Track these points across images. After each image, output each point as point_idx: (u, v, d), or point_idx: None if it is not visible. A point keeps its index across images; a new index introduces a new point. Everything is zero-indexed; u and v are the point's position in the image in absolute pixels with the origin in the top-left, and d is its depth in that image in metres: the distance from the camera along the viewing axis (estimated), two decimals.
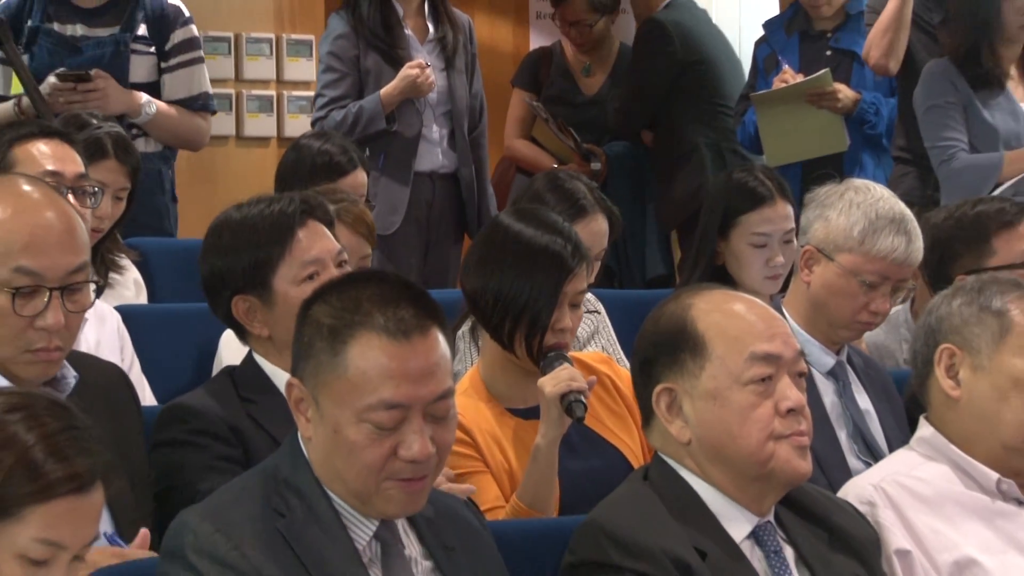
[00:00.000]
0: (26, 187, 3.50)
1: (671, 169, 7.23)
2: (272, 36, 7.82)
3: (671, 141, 7.30)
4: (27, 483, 2.52)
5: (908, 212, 4.39)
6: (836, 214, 4.36)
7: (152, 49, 5.78)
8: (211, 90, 6.10)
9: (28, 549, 2.53)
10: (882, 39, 6.32)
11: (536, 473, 3.74)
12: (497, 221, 4.19)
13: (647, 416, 3.28)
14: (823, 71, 6.70)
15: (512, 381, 3.96)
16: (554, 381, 3.70)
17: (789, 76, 6.75)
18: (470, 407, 3.88)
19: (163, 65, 5.83)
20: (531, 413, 3.87)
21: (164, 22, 5.86)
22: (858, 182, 4.58)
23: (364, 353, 2.88)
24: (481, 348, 4.09)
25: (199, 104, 5.90)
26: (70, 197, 4.07)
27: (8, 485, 2.51)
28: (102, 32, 5.67)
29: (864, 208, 4.34)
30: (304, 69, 7.38)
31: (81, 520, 2.59)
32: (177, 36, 5.89)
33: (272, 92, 7.84)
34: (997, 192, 5.48)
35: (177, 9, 6.02)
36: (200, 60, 6.06)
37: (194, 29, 6.07)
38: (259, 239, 3.85)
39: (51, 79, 5.43)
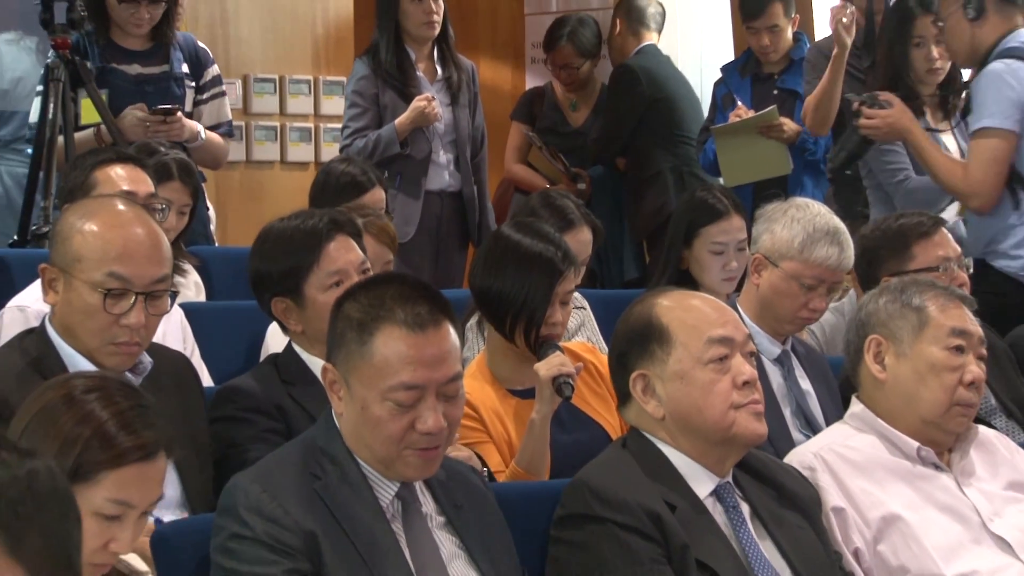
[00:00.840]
0: (122, 207, 3.53)
1: (641, 189, 7.21)
2: (310, 78, 7.78)
3: (640, 166, 7.27)
4: (101, 452, 2.55)
5: (841, 225, 4.42)
6: (780, 227, 4.38)
7: (193, 84, 5.78)
8: (230, 119, 6.10)
9: (102, 507, 2.55)
10: (815, 112, 6.32)
11: (531, 443, 3.75)
12: (500, 232, 4.19)
13: (624, 398, 3.31)
14: (770, 108, 6.70)
15: (512, 366, 3.96)
16: (547, 366, 3.72)
17: (742, 112, 6.74)
18: (477, 388, 3.88)
19: (197, 97, 5.83)
20: (528, 394, 3.87)
21: (199, 62, 5.86)
22: (799, 200, 4.62)
23: (387, 343, 2.91)
24: (487, 339, 4.10)
25: (224, 130, 5.91)
26: None
27: (85, 453, 2.54)
28: (155, 70, 5.66)
29: (803, 223, 4.36)
30: (337, 105, 7.34)
31: (147, 483, 2.62)
32: (209, 74, 5.89)
33: (311, 124, 7.80)
34: (946, 212, 5.46)
35: (205, 51, 6.02)
36: (224, 93, 6.06)
37: (217, 67, 6.09)
38: (293, 249, 3.86)
39: (138, 113, 5.42)
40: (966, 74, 6.31)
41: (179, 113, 5.50)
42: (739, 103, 6.85)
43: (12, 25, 7.03)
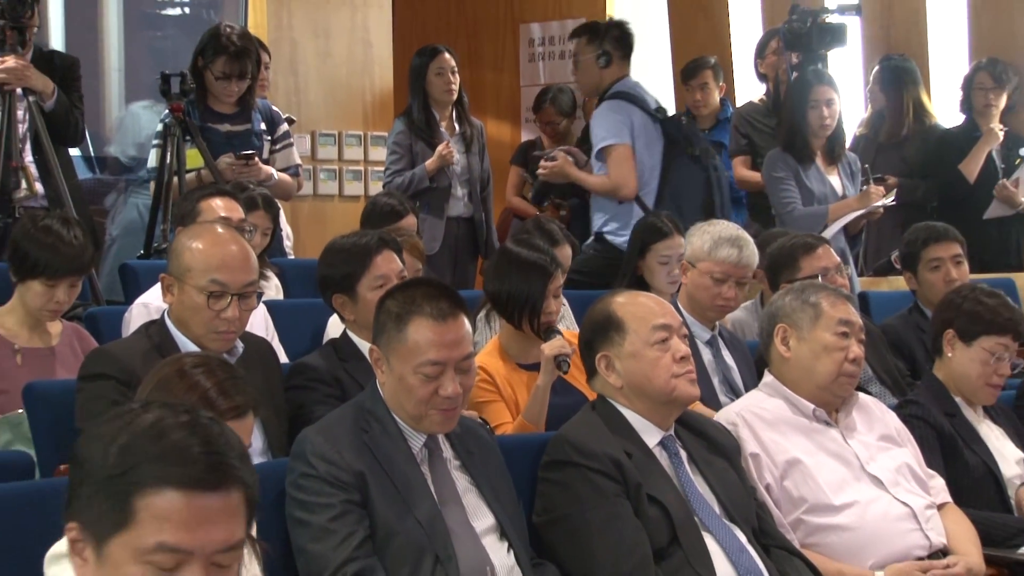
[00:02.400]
0: (220, 229, 3.54)
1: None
2: (361, 132, 7.76)
3: None
4: (206, 411, 2.54)
5: (742, 232, 4.45)
6: (696, 238, 4.43)
7: (268, 138, 5.77)
8: (297, 163, 6.03)
9: None
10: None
11: (535, 403, 3.74)
12: (505, 248, 4.22)
13: (591, 373, 3.31)
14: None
15: (520, 347, 3.96)
16: (551, 347, 3.72)
17: None
18: (493, 362, 3.90)
19: (272, 148, 5.78)
20: (532, 367, 3.86)
21: (273, 121, 5.82)
22: (712, 220, 4.68)
23: (418, 330, 2.92)
24: (501, 327, 4.09)
25: (292, 171, 5.87)
26: None
27: None
28: (240, 128, 5.60)
29: (711, 233, 4.40)
30: (381, 153, 7.29)
31: (241, 435, 2.59)
32: (280, 130, 5.85)
33: (361, 167, 7.78)
34: (827, 232, 5.48)
35: (278, 112, 5.99)
36: (292, 144, 6.00)
37: (287, 125, 6.05)
38: (350, 259, 3.85)
39: (227, 159, 5.42)
40: (848, 132, 6.34)
41: (256, 159, 5.48)
42: None
43: (146, 95, 7.03)
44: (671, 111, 7.79)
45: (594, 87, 5.86)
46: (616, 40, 5.78)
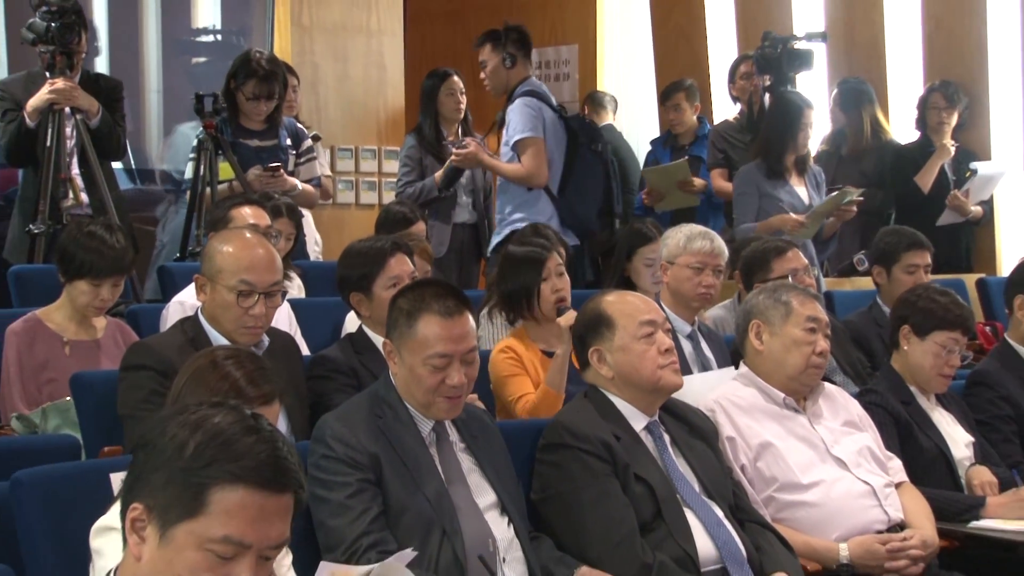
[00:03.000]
0: (248, 234, 3.55)
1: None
2: (375, 147, 7.74)
3: None
4: (235, 398, 2.51)
5: (708, 229, 4.51)
6: (671, 239, 4.46)
7: (294, 152, 5.75)
8: (320, 175, 6.02)
9: None
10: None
11: (555, 371, 3.78)
12: (505, 252, 4.30)
13: (584, 365, 3.29)
14: (683, 160, 6.75)
15: (538, 334, 3.99)
16: (566, 319, 3.74)
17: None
18: (519, 344, 3.96)
19: (297, 162, 5.76)
20: (549, 354, 3.91)
21: (297, 137, 5.80)
22: (682, 225, 4.69)
23: (427, 325, 2.92)
24: (522, 323, 4.12)
25: (314, 183, 5.85)
26: None
27: (225, 399, 2.53)
28: (268, 143, 5.59)
29: (684, 231, 4.45)
30: (393, 166, 7.25)
31: (271, 418, 2.59)
32: (304, 145, 5.83)
33: (375, 179, 7.77)
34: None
35: (303, 129, 5.97)
36: (315, 158, 5.98)
37: (310, 140, 6.03)
38: (367, 261, 3.85)
39: (255, 171, 5.41)
40: (813, 147, 6.34)
41: (282, 171, 5.48)
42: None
43: (182, 114, 7.03)
44: (655, 128, 7.83)
45: (503, 86, 5.85)
46: (517, 43, 5.79)
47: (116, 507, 2.01)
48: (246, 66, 5.54)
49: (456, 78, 6.44)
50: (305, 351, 4.03)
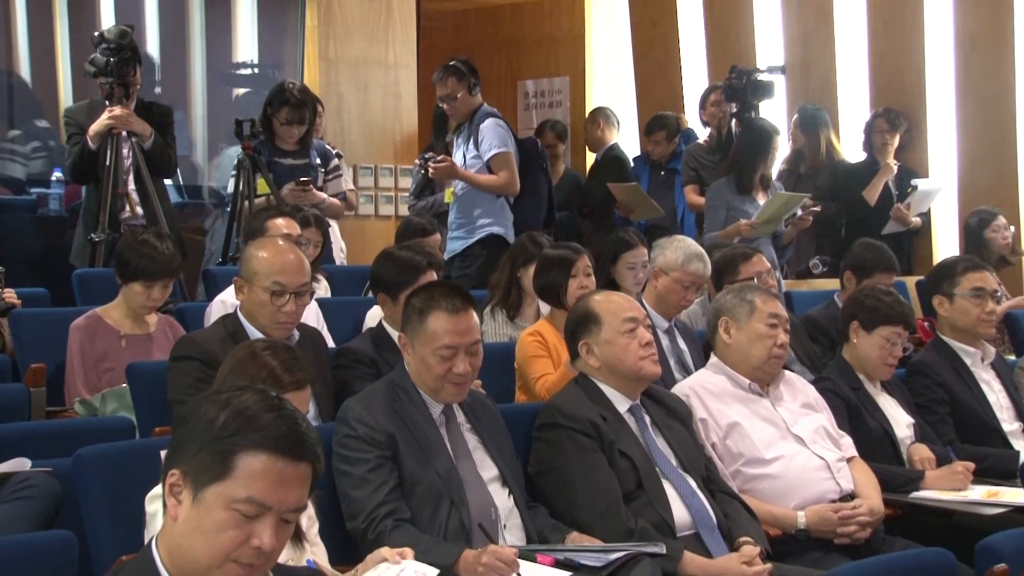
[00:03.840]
0: (281, 242, 3.54)
1: (589, 229, 7.18)
2: (392, 165, 7.70)
3: (600, 217, 7.19)
4: (273, 384, 2.51)
5: (702, 249, 4.42)
6: (670, 251, 4.37)
7: (322, 170, 5.73)
8: (345, 190, 5.96)
9: None
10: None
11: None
12: (541, 254, 4.30)
13: (574, 356, 3.29)
14: (634, 184, 6.72)
15: (562, 320, 3.83)
16: None
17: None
18: (547, 329, 3.97)
19: (325, 179, 5.73)
20: None
21: (325, 156, 5.77)
22: (678, 236, 4.62)
23: (436, 321, 2.90)
24: (549, 313, 4.16)
25: (340, 197, 5.82)
26: None
27: (264, 385, 2.51)
28: (299, 162, 5.57)
29: (683, 249, 4.36)
30: (408, 181, 7.22)
31: (300, 403, 2.58)
32: (331, 164, 5.79)
33: (392, 193, 7.72)
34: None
35: (330, 150, 5.93)
36: (341, 175, 5.94)
37: (337, 159, 5.99)
38: (402, 271, 3.79)
39: (289, 186, 5.40)
40: (774, 172, 6.36)
41: (312, 186, 5.46)
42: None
43: (225, 137, 7.02)
44: (636, 149, 7.81)
45: (468, 112, 5.73)
46: (473, 72, 5.72)
47: None
48: (280, 95, 5.53)
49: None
50: (330, 343, 4.02)
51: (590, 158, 7.92)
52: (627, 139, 8.16)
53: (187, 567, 1.71)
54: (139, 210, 5.07)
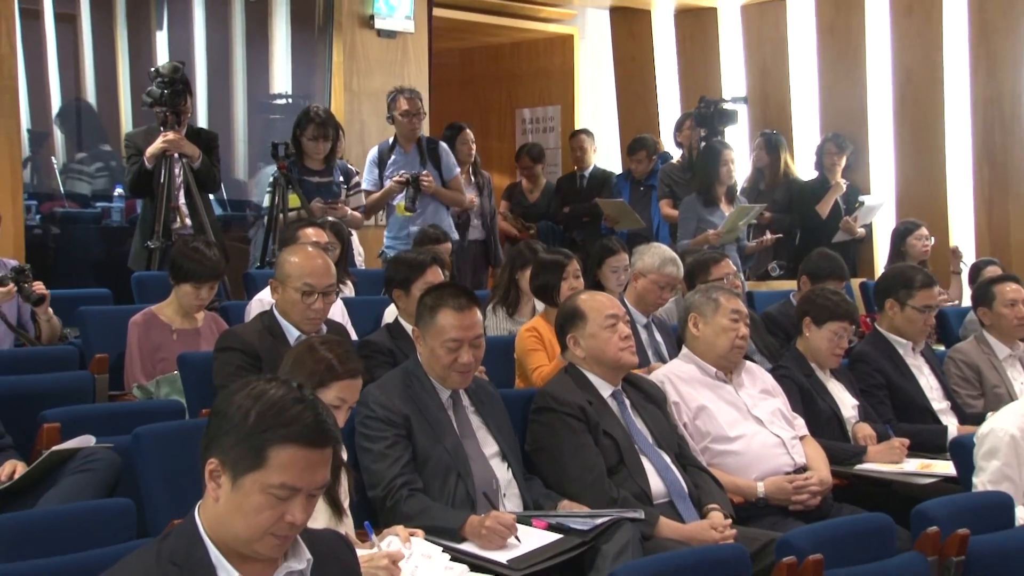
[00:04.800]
0: (310, 248, 3.52)
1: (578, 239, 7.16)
2: None
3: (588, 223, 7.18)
4: (329, 375, 2.51)
5: (676, 255, 4.41)
6: (647, 256, 4.35)
7: (345, 186, 5.69)
8: (364, 204, 5.83)
9: (333, 402, 2.48)
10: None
11: None
12: (536, 258, 4.25)
13: (563, 348, 3.27)
14: (621, 200, 6.67)
15: (552, 319, 3.87)
16: None
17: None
18: (542, 325, 3.91)
19: (348, 194, 5.66)
20: None
21: (348, 175, 5.71)
22: (654, 244, 4.63)
23: (444, 317, 2.89)
24: (543, 310, 4.10)
25: (361, 210, 5.77)
26: None
27: (322, 375, 2.50)
28: (325, 180, 5.53)
29: (659, 255, 4.35)
30: None
31: (354, 391, 2.57)
32: (353, 181, 5.73)
33: None
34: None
35: (352, 169, 5.86)
36: (361, 191, 5.83)
37: (359, 177, 5.90)
38: (410, 268, 3.82)
39: (318, 203, 5.37)
40: (739, 182, 6.36)
41: (340, 204, 5.44)
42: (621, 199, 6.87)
43: (263, 158, 6.98)
44: (618, 170, 7.79)
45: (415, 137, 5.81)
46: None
47: None
48: (306, 116, 5.54)
49: (468, 131, 6.39)
50: (353, 336, 4.01)
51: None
52: (612, 159, 8.16)
53: (229, 540, 1.72)
54: (188, 221, 5.06)
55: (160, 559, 1.70)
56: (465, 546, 2.60)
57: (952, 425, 3.89)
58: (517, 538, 2.60)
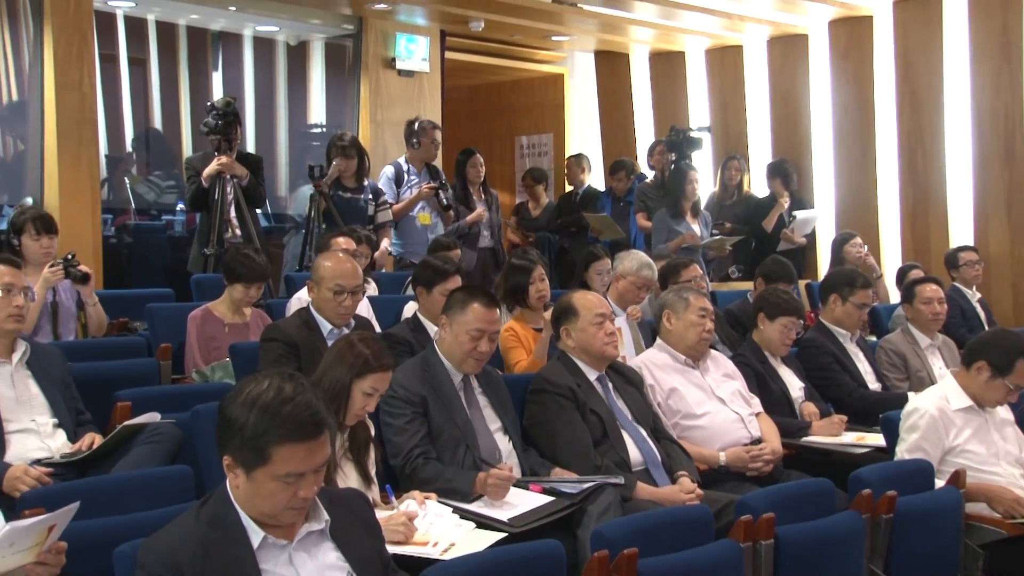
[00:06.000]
0: (341, 254, 3.48)
1: (571, 246, 7.13)
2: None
3: (578, 235, 7.12)
4: (365, 368, 2.48)
5: (652, 261, 4.38)
6: (626, 261, 4.33)
7: (373, 202, 5.65)
8: (390, 218, 5.78)
9: (367, 390, 2.47)
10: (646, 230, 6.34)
11: (541, 347, 3.70)
12: (507, 263, 4.22)
13: (558, 338, 3.23)
14: (606, 215, 6.63)
15: (529, 317, 3.91)
16: (550, 313, 3.53)
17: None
18: (519, 326, 3.87)
19: (376, 209, 5.61)
20: (539, 329, 3.83)
21: (376, 193, 5.66)
22: (633, 251, 4.59)
23: (473, 311, 2.88)
24: (517, 312, 4.03)
25: (389, 224, 5.75)
26: None
27: (360, 368, 2.48)
28: (357, 196, 5.48)
29: (637, 259, 4.32)
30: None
31: (385, 381, 2.54)
32: (380, 197, 5.67)
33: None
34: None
35: (379, 188, 5.78)
36: (389, 207, 5.76)
37: (386, 195, 5.83)
38: (436, 273, 3.76)
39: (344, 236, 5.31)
40: (704, 198, 6.35)
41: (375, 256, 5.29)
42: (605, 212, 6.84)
43: (303, 179, 6.94)
44: (602, 188, 7.78)
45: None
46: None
47: None
48: (333, 142, 5.52)
49: (477, 155, 6.31)
50: (377, 329, 3.99)
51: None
52: (596, 179, 8.15)
53: (254, 512, 1.72)
54: (238, 232, 5.03)
55: (199, 522, 1.70)
56: (472, 506, 2.58)
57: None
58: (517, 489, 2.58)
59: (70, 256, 3.92)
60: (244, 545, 1.69)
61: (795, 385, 3.78)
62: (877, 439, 3.41)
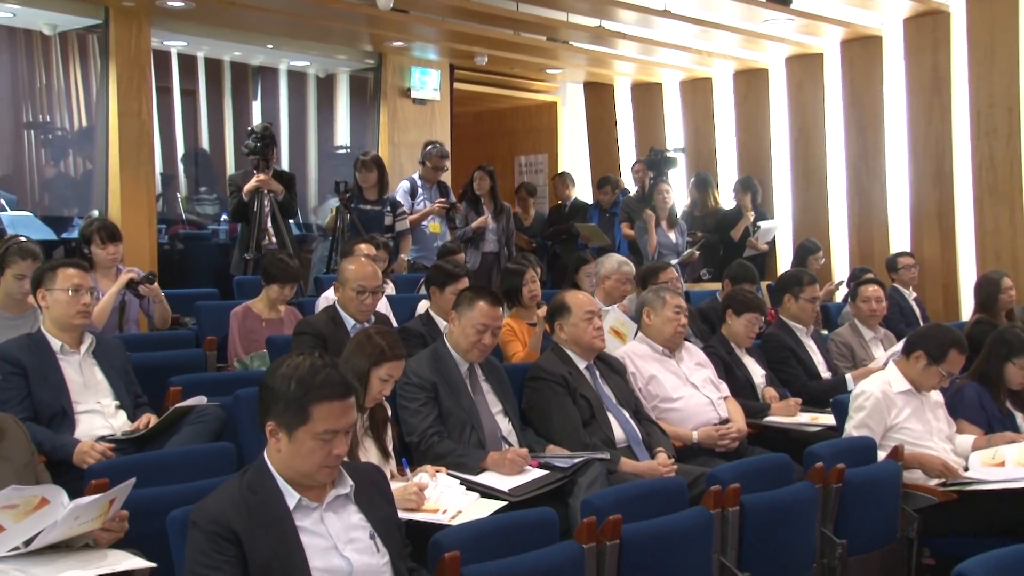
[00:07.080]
0: (363, 258, 3.47)
1: (562, 251, 7.10)
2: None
3: (569, 243, 7.11)
4: (381, 358, 2.46)
5: (629, 260, 4.36)
6: (608, 263, 4.32)
7: (391, 213, 5.61)
8: (408, 227, 5.75)
9: (384, 377, 2.46)
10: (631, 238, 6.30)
11: (536, 340, 3.68)
12: (504, 266, 4.18)
13: (552, 331, 3.21)
14: (594, 225, 6.58)
15: (524, 313, 3.87)
16: (543, 311, 3.59)
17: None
18: (515, 321, 3.82)
19: (394, 218, 5.57)
20: (532, 324, 3.82)
21: (395, 205, 5.62)
22: (611, 254, 4.56)
23: (480, 307, 2.86)
24: (513, 310, 3.97)
25: (407, 233, 5.72)
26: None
27: (376, 358, 2.46)
28: (377, 208, 5.45)
29: (616, 260, 4.33)
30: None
31: (399, 369, 2.52)
32: (399, 208, 5.64)
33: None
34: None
35: (397, 201, 5.72)
36: (406, 216, 5.71)
37: (403, 206, 5.79)
38: (447, 276, 3.70)
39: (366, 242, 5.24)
40: (679, 209, 6.34)
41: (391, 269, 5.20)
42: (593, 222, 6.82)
43: (329, 194, 6.94)
44: (590, 201, 7.75)
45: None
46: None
47: None
48: (358, 159, 5.50)
49: (482, 171, 6.22)
50: (394, 324, 3.96)
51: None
52: (585, 193, 8.13)
53: (292, 475, 1.73)
54: (274, 239, 5.03)
55: (242, 488, 1.71)
56: (478, 478, 2.57)
57: (850, 381, 3.84)
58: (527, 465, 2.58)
59: (150, 274, 3.90)
60: (282, 505, 1.71)
61: (758, 372, 3.77)
62: (828, 419, 3.40)
